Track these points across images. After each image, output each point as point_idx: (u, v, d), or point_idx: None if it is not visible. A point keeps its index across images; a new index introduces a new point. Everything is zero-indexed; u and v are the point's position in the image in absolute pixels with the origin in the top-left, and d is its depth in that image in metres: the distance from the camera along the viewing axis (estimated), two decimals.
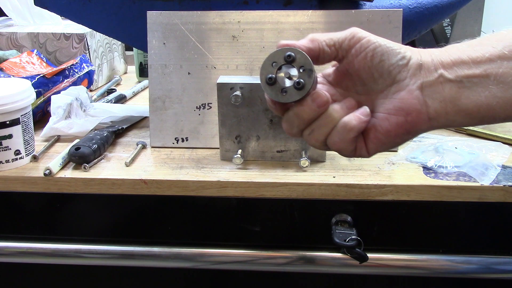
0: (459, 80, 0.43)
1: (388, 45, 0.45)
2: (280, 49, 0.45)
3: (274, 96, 0.45)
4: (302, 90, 0.44)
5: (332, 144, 0.46)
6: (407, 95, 0.44)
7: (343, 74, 0.48)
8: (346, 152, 0.46)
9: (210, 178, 0.68)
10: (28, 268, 0.78)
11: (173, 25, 0.77)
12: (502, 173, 0.67)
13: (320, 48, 0.46)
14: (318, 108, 0.45)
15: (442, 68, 0.44)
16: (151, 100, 0.79)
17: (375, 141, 0.46)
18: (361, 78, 0.46)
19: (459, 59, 0.43)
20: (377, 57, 0.45)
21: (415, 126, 0.44)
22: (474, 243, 0.71)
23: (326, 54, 0.46)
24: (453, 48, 0.45)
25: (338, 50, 0.46)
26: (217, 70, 0.77)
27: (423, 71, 0.44)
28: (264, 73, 0.45)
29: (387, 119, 0.45)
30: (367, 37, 0.45)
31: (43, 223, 0.75)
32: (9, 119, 0.69)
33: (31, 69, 0.97)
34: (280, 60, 0.45)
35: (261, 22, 0.76)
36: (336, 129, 0.45)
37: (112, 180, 0.68)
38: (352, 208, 0.69)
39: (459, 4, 0.84)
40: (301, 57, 0.45)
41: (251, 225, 0.72)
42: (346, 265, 0.69)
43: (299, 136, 0.48)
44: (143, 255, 0.72)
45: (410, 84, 0.44)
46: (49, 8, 0.87)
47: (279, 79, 0.45)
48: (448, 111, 0.44)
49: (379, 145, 0.46)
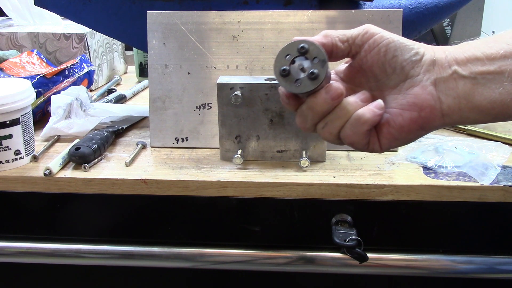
0: (473, 76, 0.43)
1: (402, 41, 0.45)
2: (294, 41, 0.45)
3: (288, 87, 0.46)
4: (316, 80, 0.44)
5: (346, 137, 0.46)
6: (420, 90, 0.44)
7: (356, 70, 0.48)
8: (359, 146, 0.46)
9: (210, 178, 0.68)
10: (28, 268, 0.78)
11: (173, 25, 0.77)
12: (502, 173, 0.67)
13: (333, 43, 0.46)
14: (332, 101, 0.45)
15: (456, 65, 0.44)
16: (151, 100, 0.79)
17: (388, 136, 0.46)
18: (374, 73, 0.47)
19: (473, 55, 0.43)
20: (390, 53, 0.45)
21: (428, 122, 0.44)
22: (474, 243, 0.71)
23: (340, 50, 0.46)
24: (467, 45, 0.45)
25: (351, 46, 0.46)
26: (217, 70, 0.77)
27: (437, 67, 0.44)
28: (278, 65, 0.46)
29: (400, 114, 0.45)
30: (380, 32, 0.45)
31: (43, 223, 0.75)
32: (9, 119, 0.69)
33: (31, 69, 0.97)
34: (293, 52, 0.45)
35: (261, 22, 0.76)
36: (349, 122, 0.45)
37: (112, 180, 0.68)
38: (352, 208, 0.69)
39: (459, 4, 0.85)
40: (314, 49, 0.45)
41: (251, 225, 0.72)
42: (346, 265, 0.69)
43: (312, 130, 0.48)
44: (143, 255, 0.72)
45: (423, 80, 0.44)
46: (49, 8, 0.87)
47: (292, 71, 0.45)
48: (461, 108, 0.44)
49: (392, 140, 0.46)
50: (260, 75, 0.77)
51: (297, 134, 0.72)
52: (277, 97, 0.70)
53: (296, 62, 0.45)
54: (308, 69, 0.45)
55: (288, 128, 0.72)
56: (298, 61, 0.45)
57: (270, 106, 0.71)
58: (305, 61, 0.45)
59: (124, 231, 0.75)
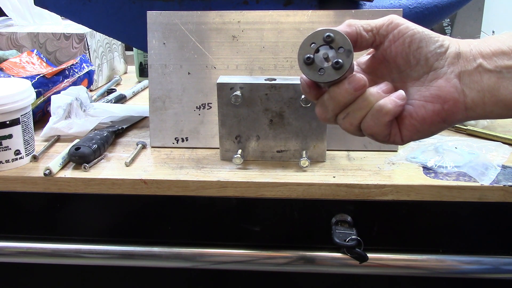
0: (499, 70, 0.43)
1: (427, 33, 0.45)
2: (319, 30, 0.45)
3: (311, 76, 0.45)
4: (340, 70, 0.44)
5: (366, 128, 0.46)
6: (444, 83, 0.44)
7: (378, 61, 0.48)
8: (380, 137, 0.46)
9: (210, 178, 0.68)
10: (28, 268, 0.78)
11: (173, 25, 0.77)
12: (502, 173, 0.67)
13: (358, 32, 0.46)
14: (355, 91, 0.45)
15: (481, 58, 0.43)
16: (151, 100, 0.79)
17: (410, 128, 0.45)
18: (397, 65, 0.46)
19: (499, 49, 0.43)
20: (415, 44, 0.45)
21: (451, 114, 0.44)
22: (474, 243, 0.71)
23: (364, 39, 0.46)
24: (492, 39, 0.45)
25: (375, 36, 0.46)
26: (217, 70, 0.77)
27: (462, 60, 0.44)
28: (302, 53, 0.45)
29: (423, 106, 0.44)
30: (405, 23, 0.45)
31: (43, 223, 0.75)
32: (9, 119, 0.69)
33: (31, 69, 0.97)
34: (318, 41, 0.45)
35: (261, 22, 0.76)
36: (371, 112, 0.45)
37: (112, 180, 0.68)
38: (352, 208, 0.69)
39: (459, 4, 0.85)
40: (340, 38, 0.44)
41: (251, 225, 0.72)
42: (346, 265, 0.69)
43: (333, 121, 0.47)
44: (143, 255, 0.72)
45: (448, 72, 0.44)
46: (49, 8, 0.87)
47: (317, 60, 0.45)
48: (485, 102, 0.43)
49: (414, 132, 0.45)
50: (260, 75, 0.77)
51: (297, 134, 0.72)
52: (277, 97, 0.70)
53: (321, 51, 0.45)
54: (332, 59, 0.44)
55: (288, 128, 0.72)
56: (322, 50, 0.45)
57: (270, 106, 0.71)
58: (330, 51, 0.45)
59: (124, 231, 0.75)
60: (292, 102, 0.70)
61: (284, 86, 0.69)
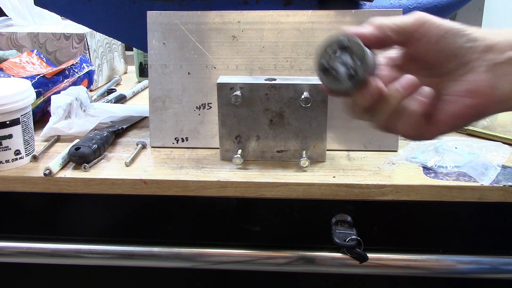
0: None
1: (455, 27, 0.44)
2: (336, 36, 0.44)
3: (326, 83, 0.45)
4: (354, 79, 0.44)
5: (394, 129, 0.45)
6: (475, 77, 0.43)
7: (408, 59, 0.47)
8: (410, 136, 0.46)
9: (210, 178, 0.68)
10: (28, 268, 0.78)
11: (173, 25, 0.77)
12: (502, 173, 0.67)
13: (386, 34, 0.45)
14: (372, 98, 0.44)
15: None
16: (151, 100, 0.79)
17: (441, 124, 0.45)
18: (427, 62, 0.46)
19: None
20: (443, 40, 0.44)
21: (483, 108, 0.43)
22: (474, 243, 0.71)
23: (392, 40, 0.45)
24: None
25: (403, 35, 0.45)
26: (217, 70, 0.77)
27: (492, 52, 0.43)
28: (318, 59, 0.45)
29: (455, 101, 0.44)
30: (432, 19, 0.45)
31: (43, 223, 0.75)
32: (9, 119, 0.69)
33: (31, 69, 0.97)
34: (334, 47, 0.44)
35: (261, 22, 0.76)
36: (395, 113, 0.44)
37: (112, 180, 0.68)
38: (352, 208, 0.69)
39: (459, 4, 0.85)
40: (354, 45, 0.44)
41: (251, 225, 0.72)
42: (346, 265, 0.69)
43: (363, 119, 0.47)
44: (143, 255, 0.72)
45: (478, 66, 0.43)
46: (49, 8, 0.87)
47: (333, 66, 0.44)
48: None
49: (446, 127, 0.45)
50: (260, 75, 0.77)
51: (297, 134, 0.72)
52: (277, 97, 0.70)
53: (338, 56, 0.44)
54: (348, 65, 0.44)
55: (288, 128, 0.72)
56: (340, 55, 0.44)
57: (270, 106, 0.71)
58: (347, 56, 0.44)
59: (124, 231, 0.75)
60: (292, 102, 0.70)
61: (284, 86, 0.69)
